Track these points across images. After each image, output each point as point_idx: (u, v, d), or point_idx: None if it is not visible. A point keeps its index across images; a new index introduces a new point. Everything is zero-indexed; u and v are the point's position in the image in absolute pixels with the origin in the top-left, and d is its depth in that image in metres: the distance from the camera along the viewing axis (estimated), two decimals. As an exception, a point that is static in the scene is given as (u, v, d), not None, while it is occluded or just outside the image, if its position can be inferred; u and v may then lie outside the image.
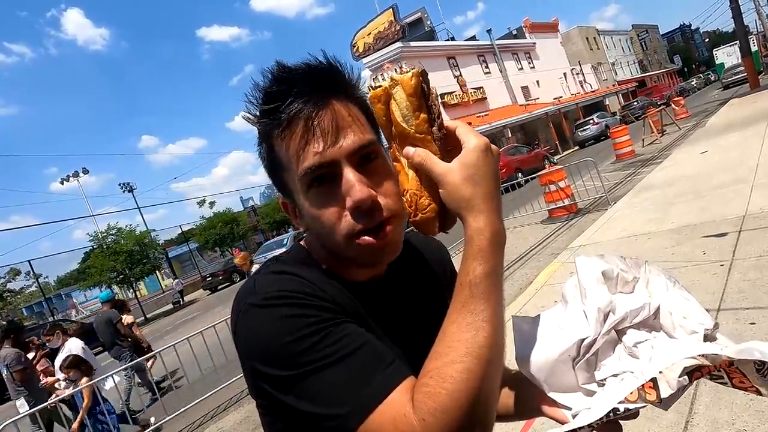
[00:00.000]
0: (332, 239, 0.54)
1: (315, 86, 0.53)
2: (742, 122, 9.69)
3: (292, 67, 0.54)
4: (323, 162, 0.52)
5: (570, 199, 7.36)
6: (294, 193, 0.56)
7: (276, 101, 0.53)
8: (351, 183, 0.52)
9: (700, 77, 47.86)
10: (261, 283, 0.54)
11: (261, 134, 0.57)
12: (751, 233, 3.68)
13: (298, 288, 0.51)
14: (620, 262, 0.58)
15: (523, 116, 25.35)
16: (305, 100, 0.52)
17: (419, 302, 0.65)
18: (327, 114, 0.53)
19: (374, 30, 24.28)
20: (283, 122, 0.53)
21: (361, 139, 0.53)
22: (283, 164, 0.55)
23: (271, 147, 0.56)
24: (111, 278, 19.56)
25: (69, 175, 30.16)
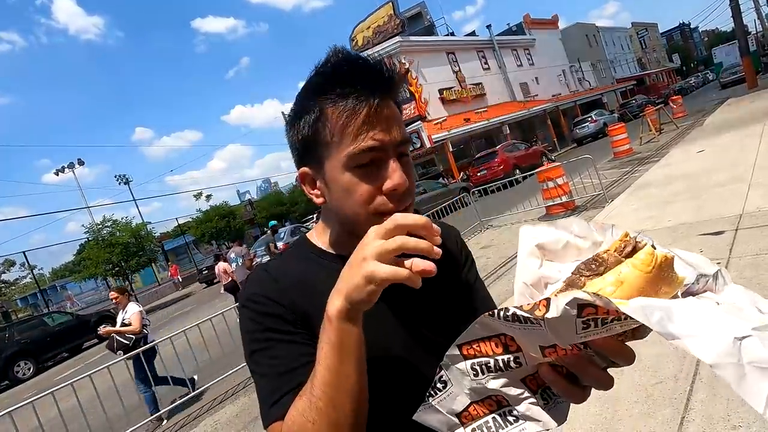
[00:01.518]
0: (358, 213, 0.62)
1: (381, 83, 0.61)
2: (739, 121, 9.72)
3: (362, 59, 0.62)
4: (378, 145, 0.60)
5: (567, 196, 7.37)
6: (327, 165, 0.62)
7: (348, 85, 0.60)
8: (395, 169, 0.61)
9: (699, 76, 47.93)
10: (251, 279, 0.69)
11: (313, 105, 0.62)
12: (748, 232, 3.69)
13: (263, 291, 0.64)
14: (578, 227, 0.54)
15: (522, 113, 25.33)
16: (372, 91, 0.60)
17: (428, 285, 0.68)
18: (386, 109, 0.61)
19: (373, 24, 24.16)
20: (351, 100, 0.59)
21: (405, 135, 0.63)
22: (329, 137, 0.61)
23: (322, 119, 0.61)
24: (107, 270, 19.48)
25: (64, 167, 29.92)
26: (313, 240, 0.73)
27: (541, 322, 0.40)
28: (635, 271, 0.41)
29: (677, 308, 0.36)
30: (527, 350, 0.46)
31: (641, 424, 2.04)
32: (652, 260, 0.41)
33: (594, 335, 0.40)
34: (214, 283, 21.10)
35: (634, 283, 0.40)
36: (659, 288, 0.41)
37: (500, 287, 4.71)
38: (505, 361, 0.47)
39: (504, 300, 4.21)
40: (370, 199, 0.61)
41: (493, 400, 0.50)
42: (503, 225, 8.33)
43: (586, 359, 0.45)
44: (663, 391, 2.19)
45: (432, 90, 22.56)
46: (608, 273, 0.43)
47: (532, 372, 0.48)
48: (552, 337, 0.42)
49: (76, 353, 13.62)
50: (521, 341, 0.45)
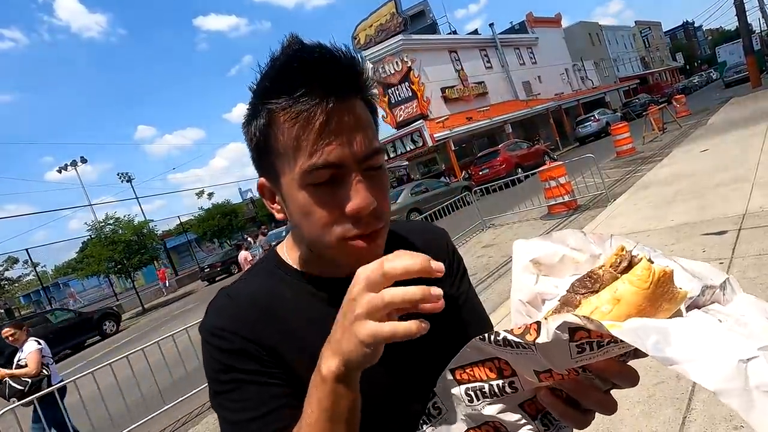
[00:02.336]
0: (319, 238, 0.54)
1: (340, 78, 0.50)
2: (743, 121, 9.68)
3: (316, 49, 0.50)
4: (334, 162, 0.50)
5: (570, 196, 7.35)
6: (283, 180, 0.54)
7: (295, 86, 0.49)
8: (358, 189, 0.51)
9: (702, 75, 47.72)
10: (212, 308, 0.59)
11: (263, 111, 0.52)
12: (751, 231, 3.68)
13: (226, 324, 0.56)
14: (574, 240, 0.51)
15: (524, 111, 25.28)
16: (328, 91, 0.49)
17: None
18: (347, 113, 0.51)
19: (376, 22, 24.12)
20: (296, 109, 0.49)
21: (372, 146, 0.53)
22: (280, 148, 0.52)
23: (270, 126, 0.52)
24: (109, 268, 19.53)
25: (67, 164, 30.04)
26: (283, 255, 0.64)
27: (533, 347, 0.37)
28: (632, 288, 0.39)
29: (675, 329, 0.33)
30: (522, 374, 0.43)
31: (643, 424, 2.03)
32: (649, 276, 0.38)
33: (591, 359, 0.37)
34: (216, 281, 21.18)
35: (632, 300, 0.38)
36: (659, 305, 0.39)
37: (501, 286, 4.71)
38: (500, 386, 0.45)
39: (505, 300, 4.21)
40: (331, 224, 0.52)
41: (490, 426, 0.48)
42: (505, 224, 8.32)
43: (585, 383, 0.42)
44: (665, 390, 2.18)
45: (434, 88, 22.53)
46: (604, 290, 0.41)
47: (530, 396, 0.46)
48: (545, 362, 0.39)
49: (79, 350, 13.68)
50: (515, 366, 0.43)
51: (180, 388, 4.67)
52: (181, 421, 4.31)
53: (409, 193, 13.19)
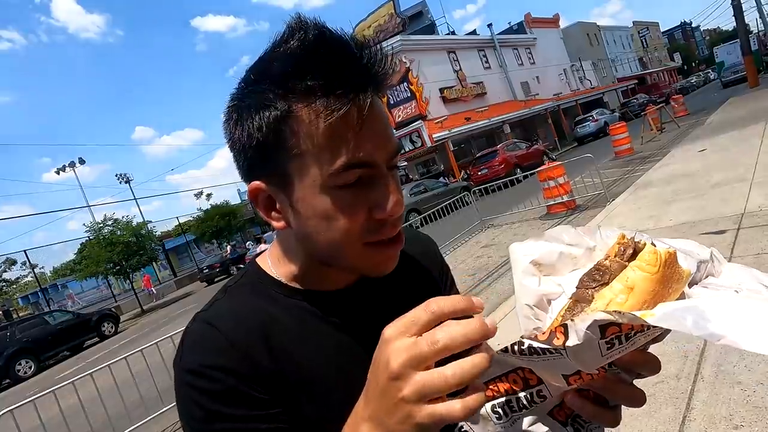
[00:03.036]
0: (341, 244, 0.49)
1: (371, 75, 0.46)
2: (741, 121, 9.70)
3: (345, 40, 0.45)
4: (369, 161, 0.46)
5: (568, 196, 7.35)
6: (298, 183, 0.48)
7: (328, 72, 0.44)
8: (392, 191, 0.48)
9: (700, 75, 47.85)
10: (188, 339, 0.51)
11: (274, 100, 0.45)
12: (749, 231, 3.68)
13: (213, 360, 0.48)
14: (567, 236, 0.51)
15: (523, 112, 25.32)
16: (362, 86, 0.45)
17: (397, 306, 0.60)
18: (378, 112, 0.47)
19: (374, 23, 24.17)
20: (332, 102, 0.44)
21: (397, 144, 0.50)
22: (299, 146, 0.46)
23: (287, 121, 0.45)
24: (107, 269, 19.50)
25: (65, 165, 29.97)
26: (268, 270, 0.57)
27: (562, 351, 0.36)
28: (643, 274, 0.38)
29: (706, 307, 0.33)
30: (549, 381, 0.42)
31: (642, 424, 2.03)
32: (657, 259, 0.38)
33: (620, 353, 0.37)
34: (215, 281, 21.15)
35: (645, 286, 0.38)
36: (670, 286, 0.39)
37: (501, 286, 4.71)
38: (529, 397, 0.43)
39: (504, 300, 4.21)
40: (358, 228, 0.48)
41: None
42: (504, 224, 8.32)
43: (613, 379, 0.41)
44: (664, 390, 2.18)
45: (433, 89, 22.55)
46: (615, 281, 0.40)
47: (557, 402, 0.45)
48: (575, 364, 0.38)
49: (77, 352, 13.65)
50: (541, 373, 0.42)
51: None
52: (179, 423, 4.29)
53: (408, 194, 13.19)
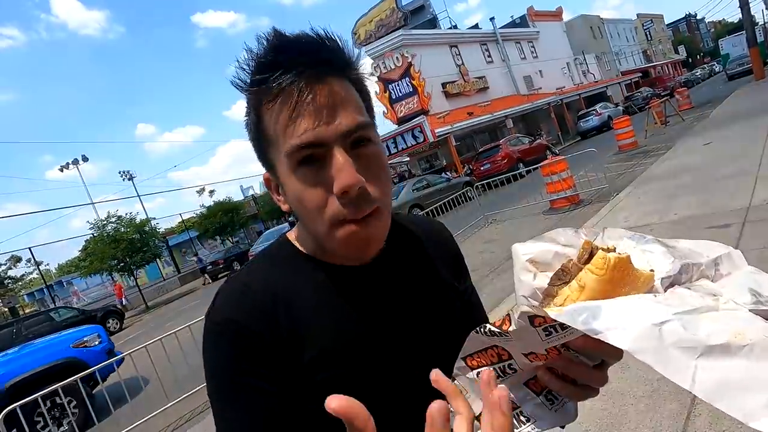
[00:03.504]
0: (314, 225, 0.53)
1: (312, 59, 0.50)
2: (746, 114, 9.61)
3: (289, 36, 0.51)
4: (313, 140, 0.49)
5: (572, 190, 7.32)
6: (278, 169, 0.54)
7: (269, 70, 0.49)
8: (339, 166, 0.49)
9: (705, 68, 47.43)
10: (224, 295, 0.56)
11: (250, 104, 0.54)
12: (755, 225, 3.66)
13: (241, 316, 0.53)
14: (564, 237, 0.56)
15: (526, 106, 25.17)
16: (299, 72, 0.49)
17: (413, 285, 0.64)
18: (321, 90, 0.50)
19: (376, 17, 24.02)
20: (273, 93, 0.50)
21: (354, 120, 0.51)
22: (270, 137, 0.52)
23: (259, 118, 0.53)
24: (111, 266, 19.61)
25: (69, 163, 30.09)
26: (295, 243, 0.63)
27: (507, 335, 0.44)
28: (592, 276, 0.45)
29: (607, 306, 0.38)
30: (516, 357, 0.49)
31: (647, 419, 2.03)
32: (604, 264, 0.44)
33: (561, 339, 0.42)
34: (219, 278, 21.24)
35: (594, 286, 0.44)
36: (622, 287, 0.44)
37: (503, 282, 4.70)
38: (502, 368, 0.50)
39: (506, 296, 4.21)
40: (321, 205, 0.51)
41: None
42: (507, 219, 8.30)
43: (572, 360, 0.46)
44: (669, 385, 2.17)
45: (435, 83, 22.44)
46: (574, 280, 0.47)
47: (532, 375, 0.51)
48: (524, 345, 0.45)
49: (83, 348, 13.74)
50: (510, 350, 0.49)
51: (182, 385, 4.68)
52: (185, 417, 4.32)
53: (411, 189, 13.17)
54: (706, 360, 0.33)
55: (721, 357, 0.33)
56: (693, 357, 0.33)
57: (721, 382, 0.32)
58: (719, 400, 0.32)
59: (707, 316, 0.37)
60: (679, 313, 0.36)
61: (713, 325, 0.35)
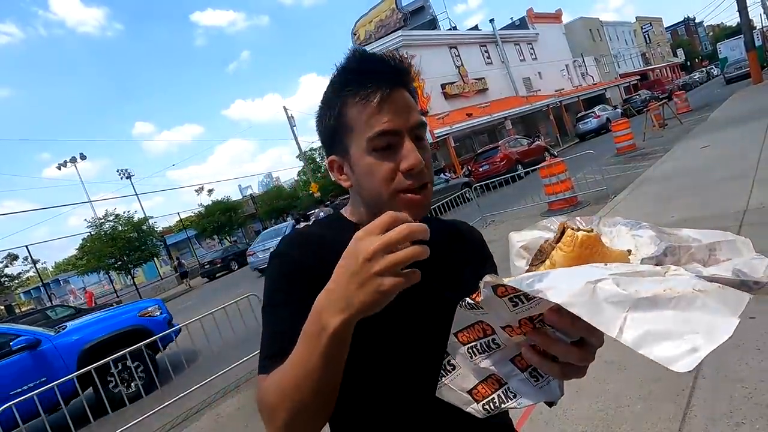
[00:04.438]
0: (380, 192, 0.67)
1: (390, 72, 0.68)
2: (744, 117, 9.65)
3: (375, 56, 0.69)
4: (393, 128, 0.66)
5: (570, 192, 7.34)
6: (352, 151, 0.69)
7: (359, 75, 0.67)
8: (410, 149, 0.66)
9: (703, 71, 47.57)
10: (286, 238, 0.73)
11: (336, 99, 0.69)
12: (752, 228, 3.67)
13: (291, 250, 0.70)
14: (555, 226, 0.59)
15: (525, 108, 25.21)
16: (384, 81, 0.66)
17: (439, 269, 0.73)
18: (399, 96, 0.68)
19: (375, 18, 24.05)
20: (365, 91, 0.66)
21: (419, 118, 0.69)
22: (350, 125, 0.68)
23: (343, 110, 0.68)
24: (109, 264, 19.56)
25: (66, 161, 29.98)
26: (345, 214, 0.79)
27: (480, 306, 0.47)
28: (560, 252, 0.48)
29: (554, 272, 0.41)
30: (498, 332, 0.51)
31: (643, 421, 2.04)
32: (572, 241, 0.48)
33: (529, 310, 0.44)
34: (217, 277, 21.20)
35: (562, 262, 0.48)
36: (590, 263, 0.46)
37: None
38: (487, 343, 0.53)
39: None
40: (390, 178, 0.66)
41: (493, 379, 0.56)
42: (505, 221, 8.31)
43: (549, 336, 0.48)
44: (665, 387, 2.18)
45: (434, 84, 22.47)
46: (548, 259, 0.51)
47: (518, 352, 0.53)
48: (497, 317, 0.48)
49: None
50: (491, 324, 0.51)
51: (181, 383, 4.69)
52: (181, 416, 4.32)
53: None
54: (635, 312, 0.35)
55: (649, 309, 0.35)
56: (623, 310, 0.35)
57: (647, 331, 0.34)
58: (643, 347, 0.34)
59: (647, 279, 0.38)
60: (617, 274, 0.38)
61: (647, 284, 0.37)
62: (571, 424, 2.18)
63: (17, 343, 4.57)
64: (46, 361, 4.65)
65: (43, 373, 4.50)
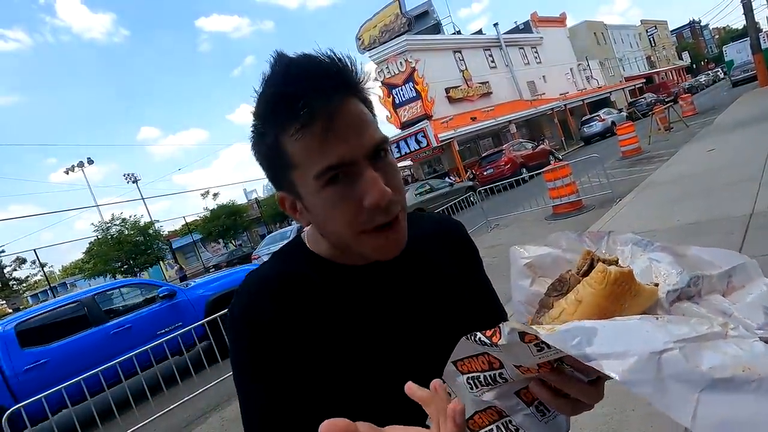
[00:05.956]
0: (344, 235, 0.57)
1: (326, 84, 0.52)
2: (750, 120, 9.59)
3: (299, 61, 0.54)
4: (343, 161, 0.53)
5: (575, 196, 7.32)
6: (300, 190, 0.57)
7: (287, 102, 0.52)
8: (370, 181, 0.53)
9: (709, 74, 47.32)
10: (240, 291, 0.61)
11: (266, 131, 0.55)
12: (758, 232, 3.65)
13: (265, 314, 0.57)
14: (567, 242, 0.55)
15: (529, 111, 25.19)
16: (323, 100, 0.52)
17: (419, 279, 0.67)
18: (345, 114, 0.53)
19: (380, 22, 24.12)
20: (299, 121, 0.52)
21: (376, 138, 0.55)
22: (292, 162, 0.55)
23: (278, 144, 0.55)
24: (115, 268, 19.71)
25: (74, 165, 30.28)
26: (308, 243, 0.66)
27: (496, 347, 0.42)
28: (590, 290, 0.42)
29: (603, 329, 0.36)
30: (507, 368, 0.46)
31: (648, 425, 2.03)
32: (604, 278, 0.41)
33: (553, 355, 0.40)
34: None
35: (591, 301, 0.42)
36: (623, 302, 0.41)
37: (505, 287, 4.68)
38: (492, 376, 0.48)
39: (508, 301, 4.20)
40: (354, 219, 0.55)
41: (493, 410, 0.51)
42: (510, 225, 8.30)
43: (566, 375, 0.44)
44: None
45: (438, 89, 22.51)
46: (570, 293, 0.45)
47: (524, 385, 0.49)
48: (515, 358, 0.43)
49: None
50: (500, 359, 0.46)
51: (187, 387, 4.71)
52: (186, 419, 4.34)
53: (413, 194, 13.18)
54: (710, 395, 0.30)
55: (726, 392, 0.30)
56: (695, 391, 0.30)
57: (725, 419, 0.29)
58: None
59: (712, 344, 0.34)
60: (681, 340, 0.33)
61: (718, 357, 0.33)
62: (576, 428, 2.16)
63: (162, 291, 5.71)
64: (180, 309, 5.71)
65: (179, 319, 5.56)
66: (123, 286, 6.32)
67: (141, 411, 4.39)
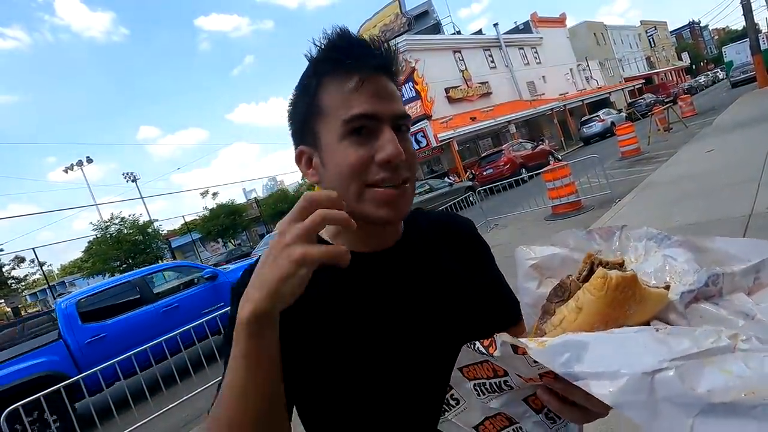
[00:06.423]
0: (348, 186, 0.58)
1: (377, 55, 0.60)
2: (749, 121, 9.60)
3: (359, 38, 0.61)
4: (372, 113, 0.58)
5: (574, 196, 7.32)
6: (322, 140, 0.60)
7: (342, 52, 0.58)
8: (388, 139, 0.58)
9: (708, 75, 47.37)
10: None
11: (309, 83, 0.61)
12: (757, 233, 3.65)
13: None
14: (574, 241, 0.52)
15: (528, 112, 25.19)
16: (365, 63, 0.59)
17: (419, 274, 0.67)
18: (380, 81, 0.60)
19: (380, 22, 24.12)
20: (344, 71, 0.58)
21: (403, 109, 0.62)
22: (323, 109, 0.60)
23: (315, 93, 0.60)
24: (114, 267, 19.68)
25: (73, 164, 30.23)
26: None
27: (491, 358, 0.41)
28: (590, 297, 0.40)
29: (595, 344, 0.33)
30: (511, 375, 0.45)
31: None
32: (604, 284, 0.39)
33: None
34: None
35: (592, 308, 0.40)
36: (626, 308, 0.40)
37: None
38: (498, 383, 0.46)
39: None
40: (361, 169, 0.57)
41: (503, 416, 0.50)
42: (509, 225, 8.30)
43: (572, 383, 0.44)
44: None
45: (438, 89, 22.50)
46: (571, 299, 0.43)
47: (532, 392, 0.47)
48: (516, 368, 0.41)
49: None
50: (504, 367, 0.45)
51: (186, 386, 4.71)
52: (184, 419, 4.33)
53: (413, 193, 13.15)
54: (706, 419, 0.28)
55: (725, 417, 0.28)
56: (690, 415, 0.28)
57: None
58: None
59: (717, 361, 0.31)
60: (680, 358, 0.31)
61: (721, 377, 0.30)
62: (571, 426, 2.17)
63: (206, 273, 6.19)
64: (221, 291, 6.06)
65: (220, 299, 5.95)
66: (170, 269, 6.98)
67: (140, 411, 4.39)
